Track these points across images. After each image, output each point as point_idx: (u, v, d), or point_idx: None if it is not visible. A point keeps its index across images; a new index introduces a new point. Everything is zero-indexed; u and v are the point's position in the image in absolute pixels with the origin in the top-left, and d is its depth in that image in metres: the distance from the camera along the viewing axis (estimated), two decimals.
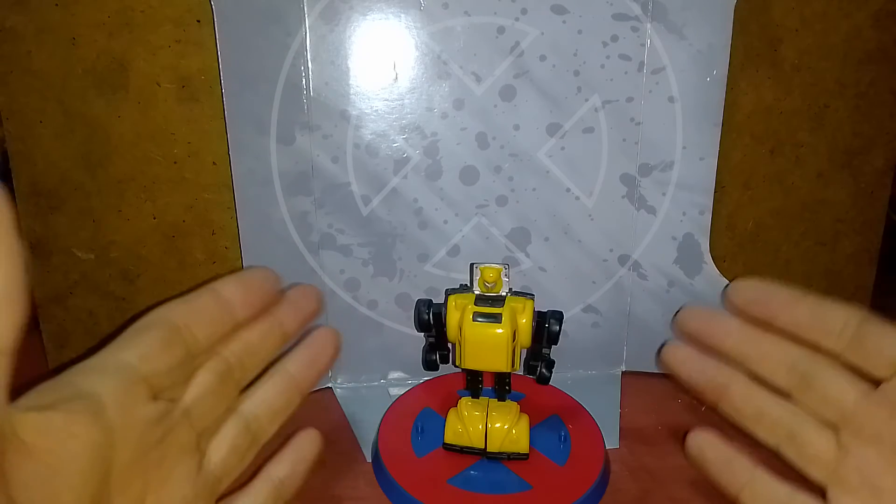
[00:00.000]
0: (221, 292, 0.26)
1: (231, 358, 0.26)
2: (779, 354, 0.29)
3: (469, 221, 0.46)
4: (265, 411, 0.27)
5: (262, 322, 0.27)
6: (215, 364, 0.25)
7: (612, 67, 0.44)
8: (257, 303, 0.27)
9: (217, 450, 0.26)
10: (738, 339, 0.30)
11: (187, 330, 0.24)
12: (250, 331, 0.27)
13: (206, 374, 0.25)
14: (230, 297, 0.26)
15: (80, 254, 0.45)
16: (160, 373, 0.23)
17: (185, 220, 0.45)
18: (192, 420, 0.24)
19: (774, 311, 0.29)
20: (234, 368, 0.26)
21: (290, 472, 0.29)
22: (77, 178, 0.44)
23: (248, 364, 0.27)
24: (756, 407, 0.29)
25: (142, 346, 0.23)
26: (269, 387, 0.28)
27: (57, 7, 0.40)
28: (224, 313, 0.26)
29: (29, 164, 0.43)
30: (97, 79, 0.42)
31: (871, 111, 0.47)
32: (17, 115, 0.42)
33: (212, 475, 0.25)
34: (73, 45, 0.41)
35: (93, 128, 0.43)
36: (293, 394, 0.29)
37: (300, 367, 0.29)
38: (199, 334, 0.24)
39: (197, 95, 0.42)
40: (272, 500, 0.28)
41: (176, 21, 0.41)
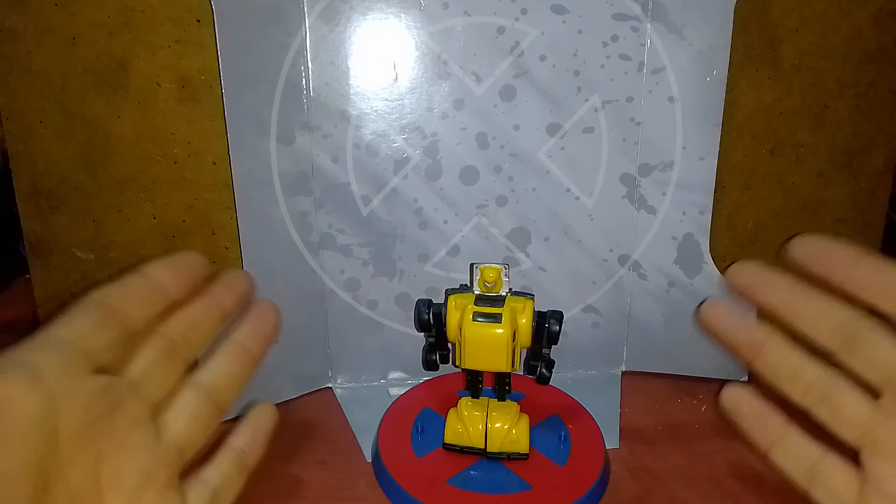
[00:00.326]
0: (150, 274, 0.28)
1: (174, 335, 0.27)
2: (826, 313, 0.29)
3: (469, 221, 0.46)
4: (222, 380, 0.29)
5: (200, 300, 0.29)
6: (158, 341, 0.27)
7: (612, 67, 0.44)
8: (187, 283, 0.29)
9: (176, 420, 0.27)
10: (786, 295, 0.30)
11: (121, 309, 0.26)
12: (190, 309, 0.29)
13: (151, 350, 0.26)
14: (159, 277, 0.28)
15: (80, 254, 0.45)
16: (99, 349, 0.24)
17: (185, 220, 0.45)
18: (141, 393, 0.25)
19: (834, 267, 0.29)
20: (179, 344, 0.28)
21: (250, 441, 0.31)
22: (77, 178, 0.44)
23: (193, 339, 0.28)
24: (792, 366, 0.29)
25: (77, 324, 0.24)
26: (222, 357, 0.30)
27: (57, 7, 0.40)
28: (155, 293, 0.27)
29: (29, 164, 0.43)
30: (97, 79, 0.42)
31: (871, 111, 0.47)
32: (17, 115, 0.42)
33: (173, 444, 0.26)
34: (73, 45, 0.41)
35: (93, 128, 0.43)
36: (246, 362, 0.30)
37: (247, 337, 0.31)
38: (133, 313, 0.26)
39: (197, 95, 0.42)
40: (236, 468, 0.29)
41: (176, 21, 0.41)
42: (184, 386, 0.28)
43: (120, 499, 0.24)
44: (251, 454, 0.30)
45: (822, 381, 0.29)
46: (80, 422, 0.22)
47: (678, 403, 0.48)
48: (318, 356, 0.48)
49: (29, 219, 0.44)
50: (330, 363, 0.49)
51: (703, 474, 0.41)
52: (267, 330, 0.31)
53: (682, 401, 0.48)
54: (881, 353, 0.27)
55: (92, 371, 0.24)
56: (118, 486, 0.24)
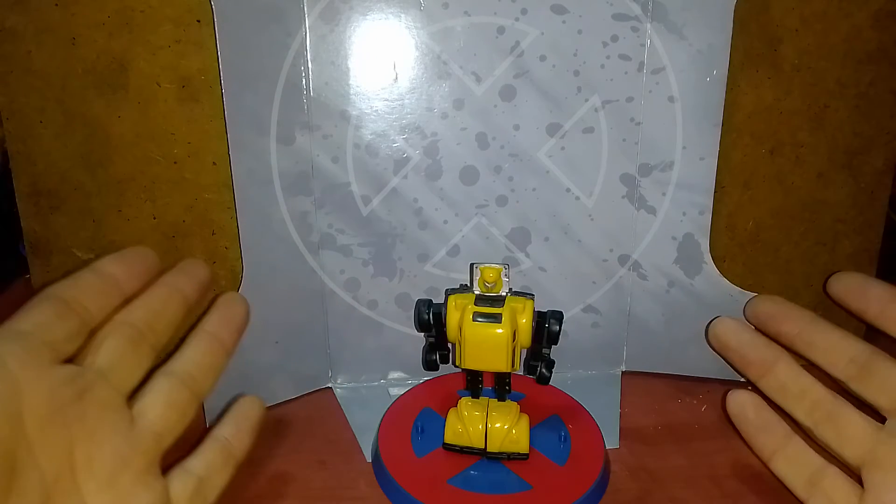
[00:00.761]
0: (101, 269, 0.29)
1: (138, 323, 0.28)
2: (843, 345, 0.30)
3: (469, 221, 0.46)
4: (196, 368, 0.29)
5: (159, 289, 0.30)
6: (123, 329, 0.27)
7: (612, 67, 0.44)
8: (139, 274, 0.30)
9: (151, 406, 0.27)
10: (805, 327, 0.31)
11: (76, 302, 0.26)
12: (150, 297, 0.29)
13: (116, 339, 0.27)
14: (111, 271, 0.29)
15: (80, 254, 0.45)
16: (59, 340, 0.25)
17: (185, 220, 0.45)
18: (110, 380, 0.26)
19: (869, 303, 0.31)
20: (144, 332, 0.28)
21: (235, 431, 0.31)
22: (77, 178, 0.44)
23: (157, 326, 0.29)
24: (801, 385, 0.30)
25: (34, 317, 0.25)
26: (193, 346, 0.30)
27: (57, 7, 0.40)
28: (108, 286, 0.28)
29: (29, 164, 0.43)
30: (97, 79, 0.42)
31: (871, 111, 0.47)
32: (17, 115, 0.42)
33: (149, 431, 0.26)
34: (73, 45, 0.41)
35: (93, 128, 0.43)
36: (218, 351, 0.31)
37: (217, 326, 0.31)
38: (89, 305, 0.27)
39: (197, 95, 0.42)
40: (221, 458, 0.30)
41: (176, 21, 0.41)
42: (158, 374, 0.28)
43: (95, 483, 0.24)
44: (237, 444, 0.31)
45: (827, 401, 0.29)
46: (47, 409, 0.23)
47: (678, 403, 0.48)
48: (318, 356, 0.48)
49: (29, 219, 0.44)
50: (330, 363, 0.49)
51: (703, 474, 0.41)
52: (236, 319, 0.32)
53: (682, 401, 0.48)
54: (892, 380, 0.28)
55: (56, 361, 0.24)
56: (92, 470, 0.24)
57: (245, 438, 0.31)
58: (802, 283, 0.51)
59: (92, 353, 0.26)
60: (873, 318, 0.30)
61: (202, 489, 0.28)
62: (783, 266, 0.50)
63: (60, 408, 0.23)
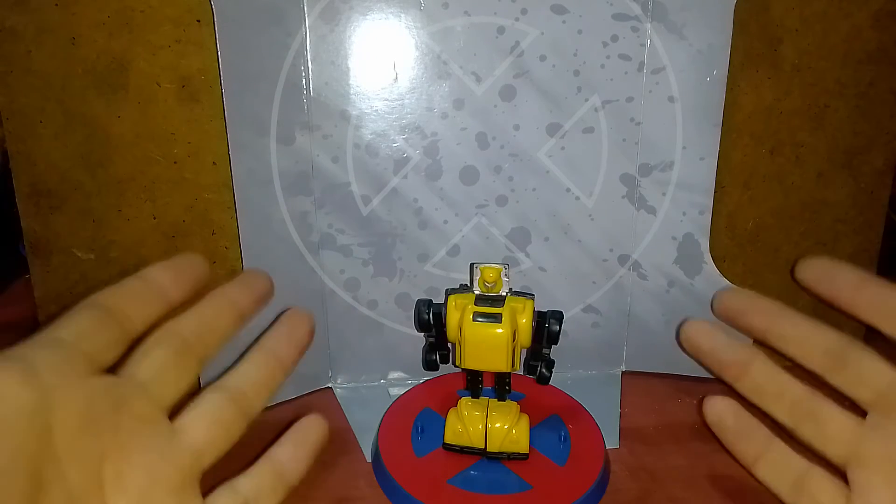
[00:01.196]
0: (148, 276, 0.27)
1: (186, 334, 0.27)
2: (816, 336, 0.29)
3: (469, 221, 0.46)
4: (248, 385, 0.28)
5: (213, 300, 0.29)
6: (170, 341, 0.26)
7: (612, 67, 0.44)
8: (188, 284, 0.28)
9: (195, 423, 0.26)
10: (775, 319, 0.30)
11: (119, 310, 0.25)
12: (203, 308, 0.28)
13: (161, 350, 0.26)
14: (158, 279, 0.27)
15: (80, 254, 0.45)
16: (98, 349, 0.24)
17: (185, 220, 0.45)
18: (150, 393, 0.25)
19: (840, 290, 0.30)
20: (193, 344, 0.27)
21: (292, 455, 0.29)
22: (77, 178, 0.44)
23: (207, 339, 0.28)
24: (778, 384, 0.29)
25: (74, 325, 0.24)
26: (250, 362, 0.29)
27: (57, 7, 0.40)
28: (154, 294, 0.27)
29: (29, 164, 0.43)
30: (97, 79, 0.42)
31: (871, 111, 0.47)
32: (17, 115, 0.42)
33: (190, 447, 0.25)
34: (73, 45, 0.41)
35: (93, 128, 0.43)
36: (275, 368, 0.29)
37: (277, 343, 0.30)
38: (132, 314, 0.26)
39: (197, 95, 0.42)
40: (271, 482, 0.28)
41: (176, 21, 0.41)
42: (208, 389, 0.27)
43: (125, 499, 0.23)
44: (292, 469, 0.29)
45: (807, 399, 0.28)
46: (79, 420, 0.22)
47: (678, 403, 0.48)
48: (318, 356, 0.48)
49: (29, 219, 0.44)
50: (330, 363, 0.49)
51: (703, 474, 0.41)
52: (298, 336, 0.31)
53: (682, 401, 0.48)
54: (870, 372, 0.27)
55: (93, 371, 0.23)
56: (122, 486, 0.23)
57: (302, 462, 0.29)
58: None
59: (134, 363, 0.25)
60: (845, 305, 0.30)
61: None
62: (783, 266, 0.50)
63: (93, 420, 0.22)
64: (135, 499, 0.23)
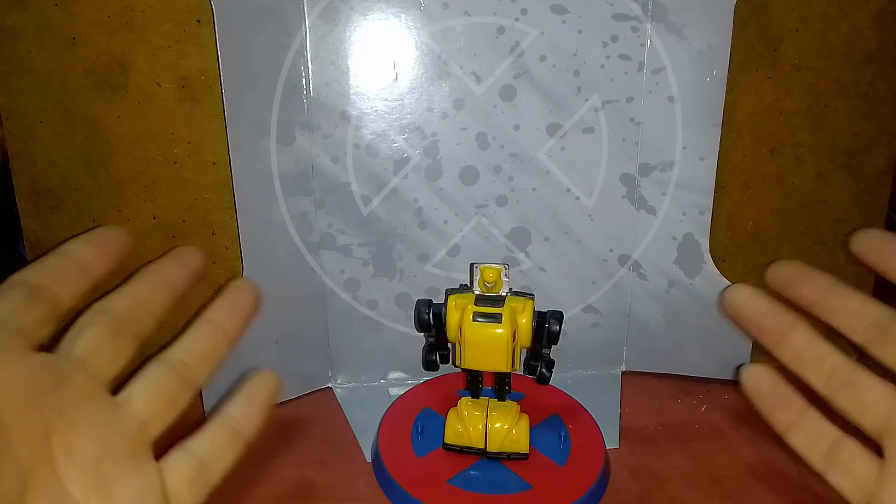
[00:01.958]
0: (69, 252, 0.27)
1: (120, 311, 0.27)
2: (863, 309, 0.30)
3: (469, 221, 0.46)
4: (191, 356, 0.29)
5: (145, 277, 0.29)
6: (103, 318, 0.27)
7: (612, 67, 0.44)
8: (110, 255, 0.28)
9: (137, 394, 0.27)
10: (824, 291, 0.31)
11: (44, 287, 0.26)
12: (134, 286, 0.29)
13: (94, 328, 0.26)
14: (79, 254, 0.27)
15: None
16: (30, 326, 0.24)
17: (185, 220, 0.45)
18: (89, 369, 0.25)
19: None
20: (126, 321, 0.27)
21: (245, 410, 0.29)
22: (77, 178, 0.44)
23: (141, 316, 0.28)
24: (818, 352, 0.29)
25: (3, 304, 0.24)
26: (192, 335, 0.29)
27: (57, 7, 0.40)
28: (78, 270, 0.27)
29: (29, 164, 0.43)
30: (97, 79, 0.42)
31: (871, 111, 0.47)
32: (17, 115, 0.42)
33: (134, 417, 0.26)
34: (73, 45, 0.41)
35: (93, 128, 0.43)
36: (219, 339, 0.30)
37: (219, 314, 0.30)
38: (59, 290, 0.26)
39: (197, 95, 0.42)
40: (226, 438, 0.28)
41: (176, 21, 0.41)
42: (150, 362, 0.28)
43: (76, 470, 0.24)
44: (246, 423, 0.29)
45: (846, 368, 0.29)
46: (23, 396, 0.23)
47: (678, 403, 0.48)
48: (318, 356, 0.48)
49: (29, 219, 0.44)
50: (330, 363, 0.49)
51: (703, 474, 0.41)
52: (243, 307, 0.31)
53: (682, 401, 0.48)
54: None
55: (29, 348, 0.24)
56: (72, 458, 0.24)
57: (255, 416, 0.30)
58: None
59: (69, 341, 0.26)
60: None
61: (203, 470, 0.27)
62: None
63: (37, 395, 0.23)
64: (86, 469, 0.24)
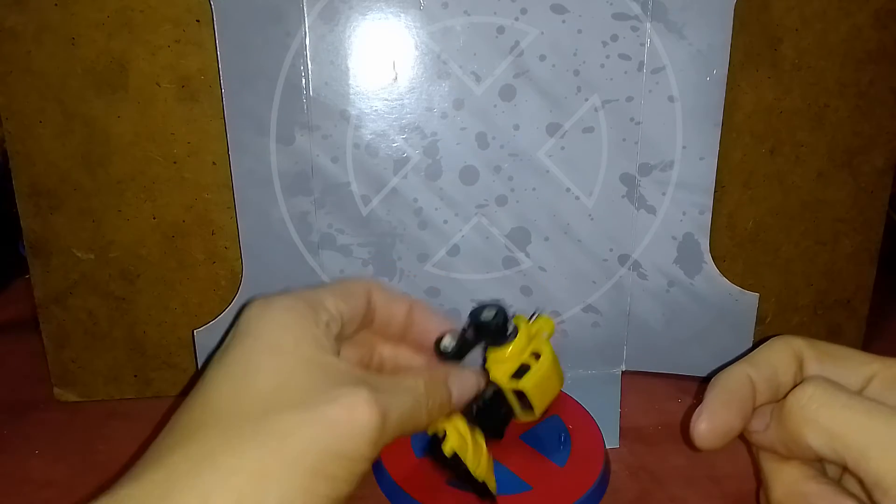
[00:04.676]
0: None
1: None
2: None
3: (469, 221, 0.46)
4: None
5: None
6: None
7: (612, 67, 0.44)
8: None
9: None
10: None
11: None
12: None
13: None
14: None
15: (80, 254, 0.45)
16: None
17: (185, 220, 0.45)
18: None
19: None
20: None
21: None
22: (77, 178, 0.44)
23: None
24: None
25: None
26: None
27: (57, 7, 0.40)
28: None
29: (29, 164, 0.43)
30: (97, 79, 0.42)
31: (871, 111, 0.47)
32: (17, 115, 0.42)
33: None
34: (73, 45, 0.41)
35: (93, 128, 0.43)
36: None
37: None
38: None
39: (197, 95, 0.42)
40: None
41: (176, 21, 0.41)
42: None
43: None
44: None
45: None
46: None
47: (678, 403, 0.48)
48: None
49: (29, 219, 0.44)
50: None
51: (703, 474, 0.41)
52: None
53: (681, 401, 0.48)
54: None
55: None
56: None
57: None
58: (802, 283, 0.51)
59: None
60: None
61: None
62: (783, 266, 0.50)
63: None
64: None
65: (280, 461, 0.22)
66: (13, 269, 0.61)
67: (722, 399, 0.28)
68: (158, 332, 0.47)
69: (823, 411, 0.24)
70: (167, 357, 0.48)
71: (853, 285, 0.52)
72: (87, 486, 0.40)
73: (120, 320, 0.47)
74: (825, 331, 0.52)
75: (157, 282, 0.46)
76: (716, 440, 0.27)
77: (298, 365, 0.25)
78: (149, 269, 0.46)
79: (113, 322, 0.47)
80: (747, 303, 0.48)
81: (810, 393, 0.25)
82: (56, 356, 0.47)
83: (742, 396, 0.28)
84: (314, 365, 0.25)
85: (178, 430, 0.23)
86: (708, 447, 0.28)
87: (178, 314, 0.47)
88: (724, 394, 0.28)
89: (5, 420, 0.46)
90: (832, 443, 0.24)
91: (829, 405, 0.24)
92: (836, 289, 0.51)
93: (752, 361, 0.29)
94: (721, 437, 0.28)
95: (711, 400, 0.28)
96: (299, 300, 0.27)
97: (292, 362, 0.25)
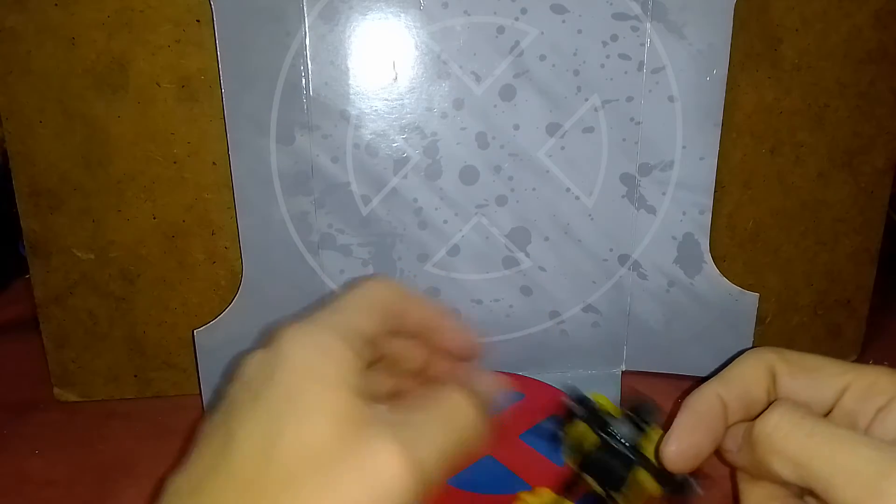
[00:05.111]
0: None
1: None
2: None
3: (469, 221, 0.46)
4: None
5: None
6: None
7: (612, 67, 0.44)
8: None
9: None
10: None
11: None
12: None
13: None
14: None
15: (80, 254, 0.45)
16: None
17: (185, 220, 0.45)
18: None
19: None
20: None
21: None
22: (77, 178, 0.44)
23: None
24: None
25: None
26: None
27: (57, 7, 0.40)
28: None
29: (29, 164, 0.43)
30: (97, 79, 0.42)
31: (871, 111, 0.47)
32: (17, 115, 0.42)
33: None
34: (73, 45, 0.41)
35: (93, 128, 0.43)
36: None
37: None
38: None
39: (197, 95, 0.42)
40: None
41: (176, 21, 0.41)
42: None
43: None
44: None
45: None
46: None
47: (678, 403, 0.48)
48: None
49: (29, 219, 0.44)
50: None
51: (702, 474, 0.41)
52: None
53: (681, 401, 0.48)
54: None
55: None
56: None
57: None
58: (802, 283, 0.51)
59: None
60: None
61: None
62: (783, 266, 0.50)
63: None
64: None
65: None
66: (13, 269, 0.61)
67: (691, 421, 0.28)
68: (158, 332, 0.47)
69: (788, 441, 0.24)
70: (167, 357, 0.48)
71: (853, 285, 0.52)
72: (87, 486, 0.40)
73: (120, 320, 0.47)
74: (825, 331, 0.52)
75: (157, 282, 0.46)
76: (685, 463, 0.28)
77: (329, 427, 0.23)
78: (149, 269, 0.46)
79: (113, 322, 0.47)
80: (747, 303, 0.48)
81: (775, 422, 0.25)
82: (56, 356, 0.47)
83: (711, 418, 0.28)
84: (344, 420, 0.23)
85: (204, 491, 0.22)
86: (678, 470, 0.28)
87: (178, 314, 0.47)
88: (693, 416, 0.28)
89: (5, 420, 0.46)
90: (798, 471, 0.24)
91: (794, 435, 0.24)
92: (836, 289, 0.51)
93: (723, 380, 0.29)
94: (690, 460, 0.28)
95: (680, 422, 0.28)
96: (335, 337, 0.25)
97: (324, 423, 0.23)
